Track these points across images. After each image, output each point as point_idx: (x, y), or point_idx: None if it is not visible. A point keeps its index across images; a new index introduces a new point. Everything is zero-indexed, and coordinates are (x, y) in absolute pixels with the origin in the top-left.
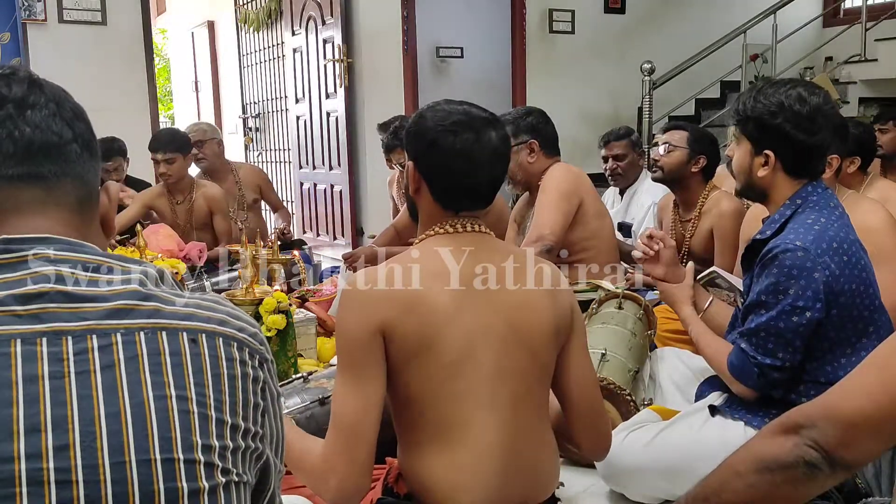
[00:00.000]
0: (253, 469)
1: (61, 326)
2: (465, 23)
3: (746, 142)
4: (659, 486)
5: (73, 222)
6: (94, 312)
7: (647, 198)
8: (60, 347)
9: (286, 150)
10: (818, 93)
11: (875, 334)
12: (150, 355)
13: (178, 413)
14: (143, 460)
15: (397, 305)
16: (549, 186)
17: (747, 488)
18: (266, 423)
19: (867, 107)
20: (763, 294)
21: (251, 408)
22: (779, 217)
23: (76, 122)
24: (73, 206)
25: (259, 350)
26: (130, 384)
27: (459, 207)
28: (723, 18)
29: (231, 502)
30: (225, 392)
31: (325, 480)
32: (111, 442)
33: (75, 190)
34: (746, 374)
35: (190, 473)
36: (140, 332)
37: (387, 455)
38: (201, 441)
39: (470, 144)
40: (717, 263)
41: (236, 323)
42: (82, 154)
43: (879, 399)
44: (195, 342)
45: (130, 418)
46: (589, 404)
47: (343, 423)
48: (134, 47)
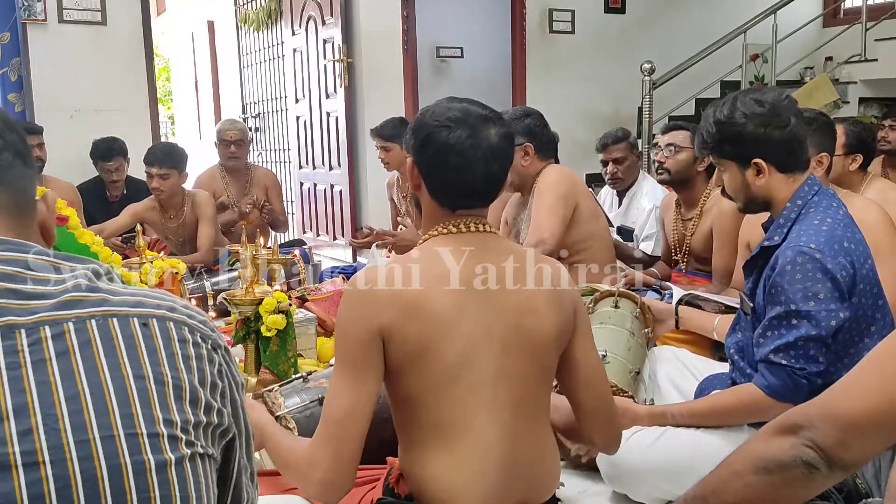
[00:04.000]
0: (217, 445)
1: (14, 320)
2: (465, 23)
3: (730, 163)
4: (662, 486)
5: (10, 227)
6: (44, 306)
7: (648, 201)
8: (14, 340)
9: (286, 150)
10: (768, 92)
11: (877, 333)
12: (104, 340)
13: (136, 391)
14: (106, 437)
15: (398, 309)
16: (545, 190)
17: (746, 488)
18: (227, 404)
19: (867, 107)
20: (793, 303)
21: (209, 386)
22: (784, 221)
23: (7, 132)
24: (11, 212)
25: (210, 335)
26: (87, 369)
27: (455, 205)
28: (723, 18)
29: (198, 474)
30: (181, 370)
31: (310, 473)
32: (73, 421)
33: (8, 197)
34: (795, 389)
35: (155, 446)
36: (91, 320)
37: (387, 455)
38: (162, 415)
39: (463, 140)
40: (715, 262)
41: (184, 310)
42: (14, 162)
43: (878, 399)
44: (146, 325)
45: (90, 399)
46: (600, 399)
47: (332, 419)
48: (134, 47)
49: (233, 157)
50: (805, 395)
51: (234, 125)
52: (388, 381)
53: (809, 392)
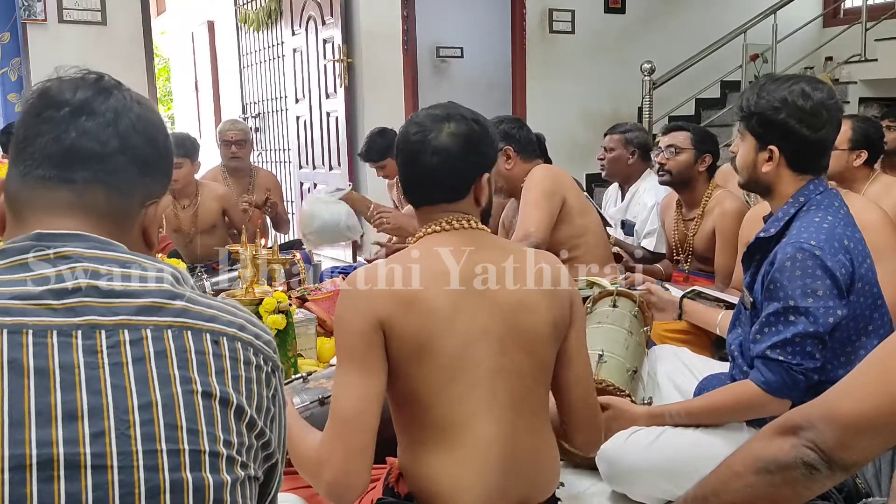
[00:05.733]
0: (262, 468)
1: (95, 320)
2: (465, 23)
3: (751, 137)
4: (662, 486)
5: (103, 228)
6: (125, 308)
7: (650, 197)
8: (94, 340)
9: (286, 150)
10: (822, 88)
11: (875, 333)
12: (178, 352)
13: (203, 408)
14: (172, 450)
15: (395, 303)
16: (531, 186)
17: (746, 488)
18: (275, 429)
19: (867, 107)
20: (791, 299)
21: (264, 412)
22: (782, 215)
23: (133, 135)
24: (104, 212)
25: (272, 357)
26: (160, 377)
27: (417, 201)
28: (723, 18)
29: (246, 497)
30: (243, 393)
31: (320, 474)
32: (144, 431)
33: (108, 198)
34: (792, 385)
35: (213, 466)
36: (168, 330)
37: (387, 455)
38: (223, 436)
39: (419, 139)
40: (717, 263)
41: (253, 329)
42: (128, 167)
43: (878, 401)
44: (217, 344)
45: (161, 410)
46: (585, 399)
47: (341, 416)
48: (134, 47)
49: (234, 157)
50: (802, 391)
51: (235, 125)
52: (388, 380)
53: (806, 388)
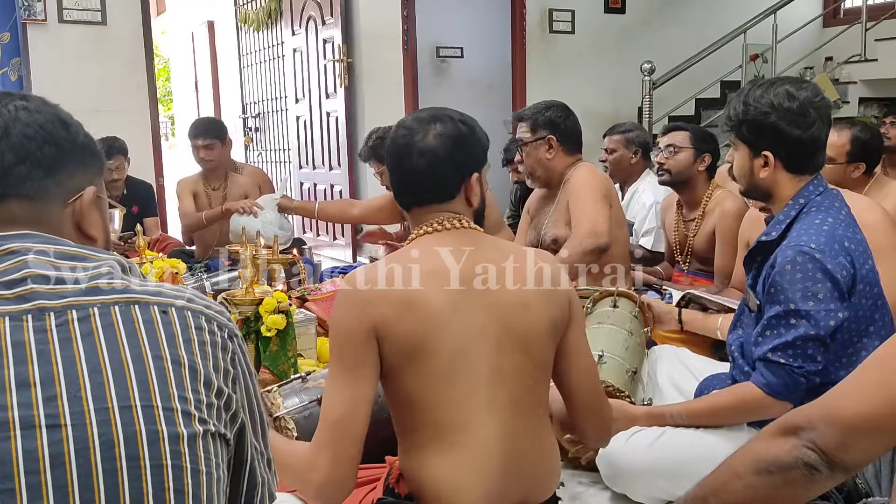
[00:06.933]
0: (229, 429)
1: (44, 304)
2: (465, 23)
3: (743, 146)
4: (662, 487)
5: (40, 231)
6: (72, 291)
7: (649, 196)
8: (44, 322)
9: (286, 150)
10: (806, 86)
11: (876, 334)
12: (125, 324)
13: (154, 369)
14: (124, 406)
15: (392, 306)
16: (587, 184)
17: (746, 489)
18: (238, 390)
19: (867, 107)
20: (792, 302)
21: (222, 372)
22: (783, 218)
23: (26, 142)
24: (26, 221)
25: (227, 325)
26: (109, 349)
27: (407, 203)
28: (723, 18)
29: (209, 451)
30: (197, 354)
31: (309, 476)
32: (94, 392)
33: (22, 208)
34: (794, 387)
35: (169, 419)
36: (115, 306)
37: (387, 455)
38: (177, 392)
39: (405, 141)
40: (717, 263)
41: (202, 301)
42: (32, 173)
43: (879, 401)
44: (166, 313)
45: (111, 373)
46: (591, 392)
47: (330, 419)
48: (134, 47)
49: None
50: (803, 393)
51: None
52: (386, 382)
53: (808, 390)
